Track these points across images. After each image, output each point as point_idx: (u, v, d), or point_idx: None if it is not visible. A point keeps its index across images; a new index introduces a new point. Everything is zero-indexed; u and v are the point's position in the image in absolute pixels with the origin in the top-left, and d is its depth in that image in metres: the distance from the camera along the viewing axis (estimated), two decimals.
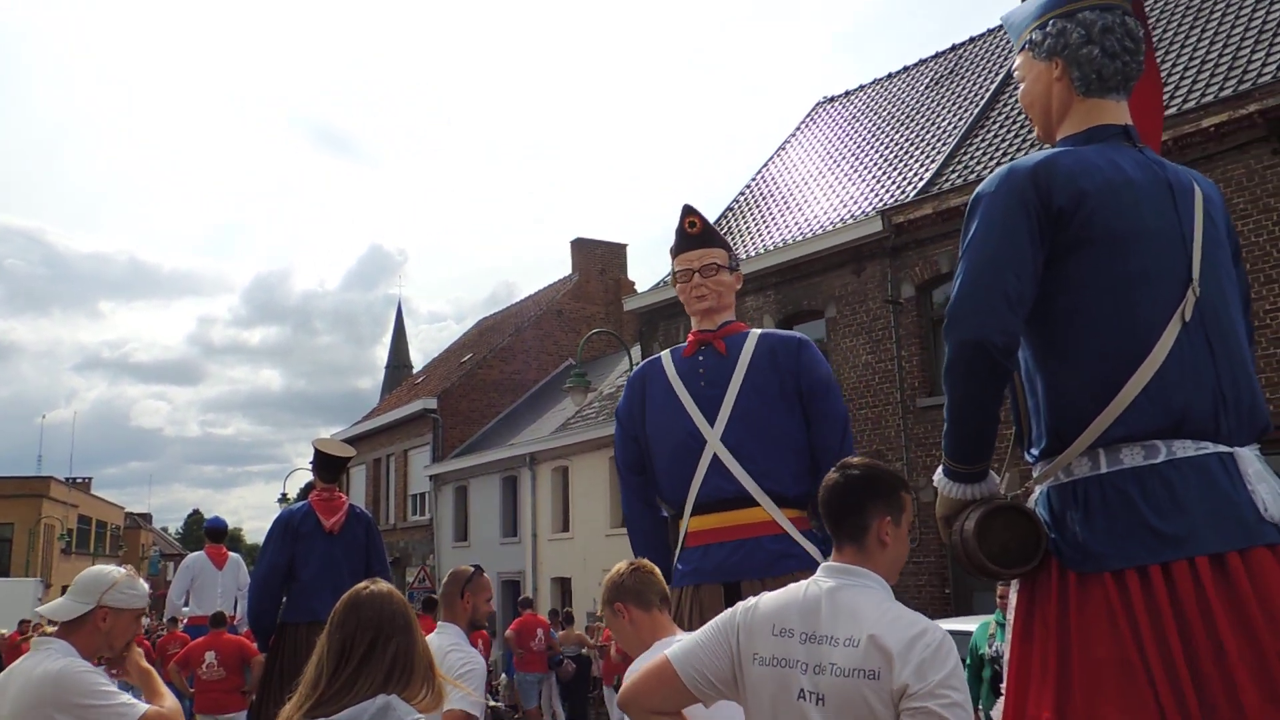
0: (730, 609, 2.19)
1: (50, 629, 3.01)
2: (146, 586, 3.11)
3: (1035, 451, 2.07)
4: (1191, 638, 1.75)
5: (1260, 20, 12.46)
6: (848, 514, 2.11)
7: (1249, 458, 1.93)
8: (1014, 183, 2.01)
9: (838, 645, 1.98)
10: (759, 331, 3.38)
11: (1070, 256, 1.98)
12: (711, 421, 3.22)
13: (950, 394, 2.01)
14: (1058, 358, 2.00)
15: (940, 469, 2.13)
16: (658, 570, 2.87)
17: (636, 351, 19.23)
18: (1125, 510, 1.87)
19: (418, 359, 66.10)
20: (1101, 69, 2.10)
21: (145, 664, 3.08)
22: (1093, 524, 1.90)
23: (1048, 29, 2.15)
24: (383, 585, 2.11)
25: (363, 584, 2.12)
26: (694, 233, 3.44)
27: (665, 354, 3.52)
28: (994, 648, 5.70)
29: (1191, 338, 1.93)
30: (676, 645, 2.22)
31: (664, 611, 2.80)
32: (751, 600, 2.17)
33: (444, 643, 3.79)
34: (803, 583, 2.14)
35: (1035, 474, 2.09)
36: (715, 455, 3.18)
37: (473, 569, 4.14)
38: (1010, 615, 2.06)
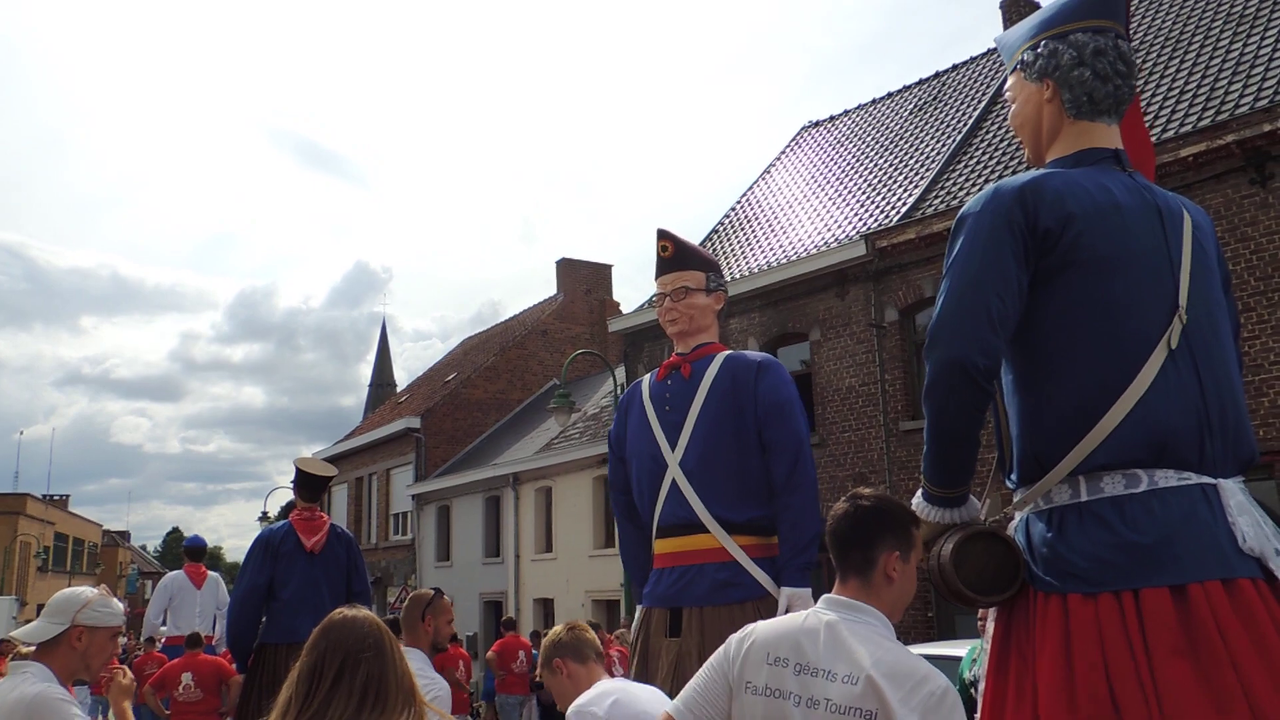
0: (725, 642, 2.17)
1: (26, 649, 2.99)
2: (121, 605, 3.10)
3: (1015, 477, 2.04)
4: (1165, 664, 1.72)
5: (1238, 52, 12.67)
6: (854, 546, 2.08)
7: (1232, 489, 1.89)
8: (1000, 202, 1.98)
9: (835, 681, 1.95)
10: (725, 354, 3.35)
11: (1055, 279, 1.95)
12: (673, 446, 3.23)
13: (930, 415, 1.98)
14: (1040, 382, 1.97)
15: (919, 492, 2.10)
16: (591, 631, 3.05)
17: (621, 372, 19.23)
18: (1103, 536, 1.84)
19: (402, 377, 65.87)
20: (1093, 92, 2.08)
21: (125, 706, 3.06)
22: (1071, 549, 1.86)
23: (1039, 50, 2.14)
24: (359, 611, 2.08)
25: (340, 609, 2.10)
26: (666, 256, 3.45)
27: (646, 377, 3.55)
28: (973, 672, 5.71)
29: (1178, 365, 1.90)
30: (678, 697, 2.19)
31: (599, 664, 2.94)
32: (749, 628, 2.14)
33: None
34: (803, 613, 2.12)
35: (1015, 500, 2.06)
36: (674, 480, 3.20)
37: (432, 591, 4.13)
38: (987, 643, 2.03)
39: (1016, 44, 2.23)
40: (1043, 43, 2.13)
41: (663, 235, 3.49)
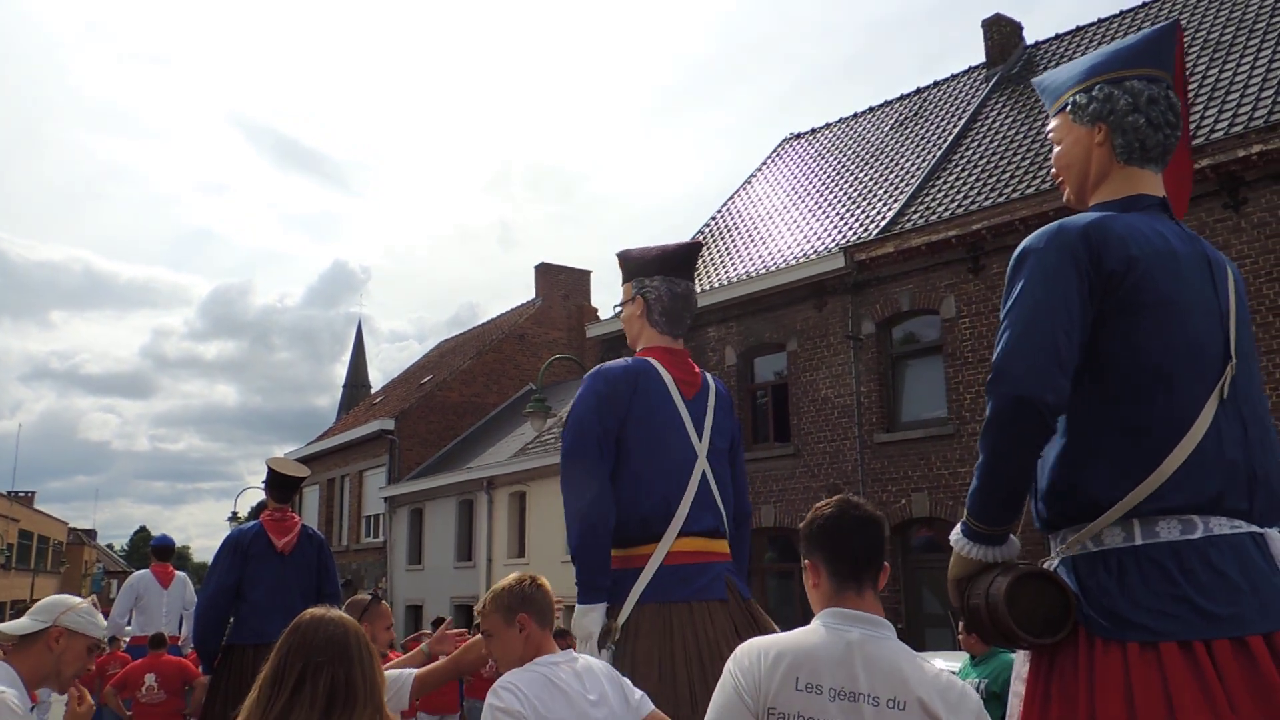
0: (732, 663, 2.04)
1: (6, 642, 2.97)
2: (104, 622, 3.08)
3: (1057, 518, 2.02)
4: (1242, 715, 1.71)
5: (1214, 78, 12.86)
6: (875, 555, 2.05)
7: (1279, 539, 1.91)
8: (1065, 240, 1.96)
9: (879, 705, 1.89)
10: None
11: (1114, 322, 1.94)
12: None
13: (987, 452, 1.94)
14: (1095, 424, 1.95)
15: (959, 528, 2.05)
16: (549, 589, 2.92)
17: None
18: (1164, 584, 1.83)
19: (379, 378, 65.48)
20: (1145, 139, 2.10)
21: None
22: (1130, 595, 1.85)
23: (1094, 93, 2.13)
24: (329, 612, 2.03)
25: (311, 610, 2.05)
26: None
27: None
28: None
29: (1228, 414, 1.92)
30: None
31: (551, 629, 2.79)
32: (757, 648, 2.01)
33: None
34: (815, 630, 2.02)
35: (1055, 541, 2.04)
36: None
37: (369, 597, 4.09)
38: (1020, 684, 2.01)
39: (1063, 86, 2.22)
40: (1098, 86, 2.13)
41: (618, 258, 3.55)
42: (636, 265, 3.43)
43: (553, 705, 2.53)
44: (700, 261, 18.67)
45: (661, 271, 3.40)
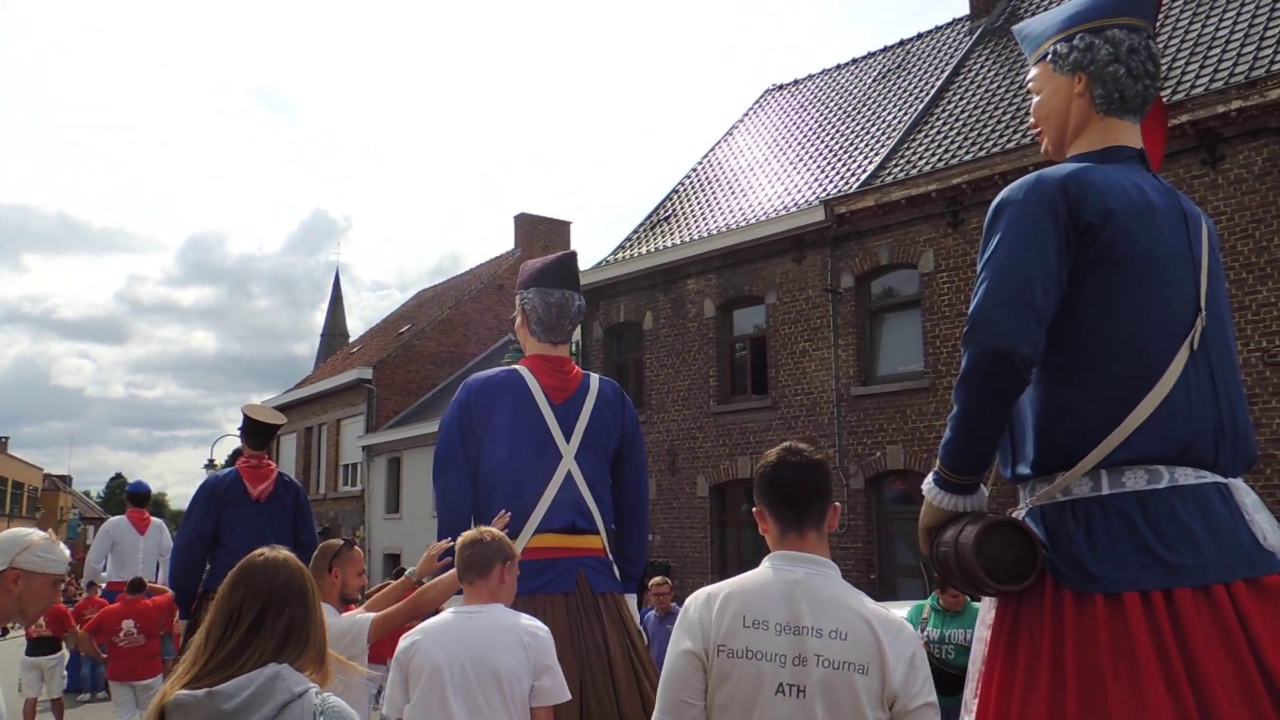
0: (681, 617, 2.11)
1: None
2: (67, 552, 3.02)
3: (1027, 469, 2.03)
4: (1198, 664, 1.74)
5: (1196, 33, 12.81)
6: (816, 498, 2.10)
7: (1243, 488, 1.94)
8: (1043, 192, 1.96)
9: (823, 637, 1.96)
10: None
11: (1089, 274, 1.95)
12: None
13: (962, 404, 1.95)
14: (1067, 375, 1.96)
15: (931, 477, 2.08)
16: (490, 536, 2.96)
17: (576, 330, 19.15)
18: (1129, 534, 1.86)
19: (360, 326, 65.11)
20: (1125, 89, 2.08)
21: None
22: (1095, 544, 1.88)
23: (1074, 43, 2.12)
24: (281, 552, 2.02)
25: (259, 550, 2.03)
26: None
27: None
28: (924, 632, 5.84)
29: (1197, 366, 1.93)
30: (657, 707, 2.10)
31: (486, 579, 2.89)
32: (708, 594, 2.09)
33: None
34: (762, 572, 2.09)
35: (1025, 491, 2.06)
36: None
37: (341, 541, 4.08)
38: (985, 630, 2.04)
39: (1045, 34, 2.20)
40: (1078, 35, 2.12)
41: None
42: (520, 281, 3.74)
43: (445, 641, 2.79)
44: (681, 212, 18.57)
45: (536, 284, 3.68)
